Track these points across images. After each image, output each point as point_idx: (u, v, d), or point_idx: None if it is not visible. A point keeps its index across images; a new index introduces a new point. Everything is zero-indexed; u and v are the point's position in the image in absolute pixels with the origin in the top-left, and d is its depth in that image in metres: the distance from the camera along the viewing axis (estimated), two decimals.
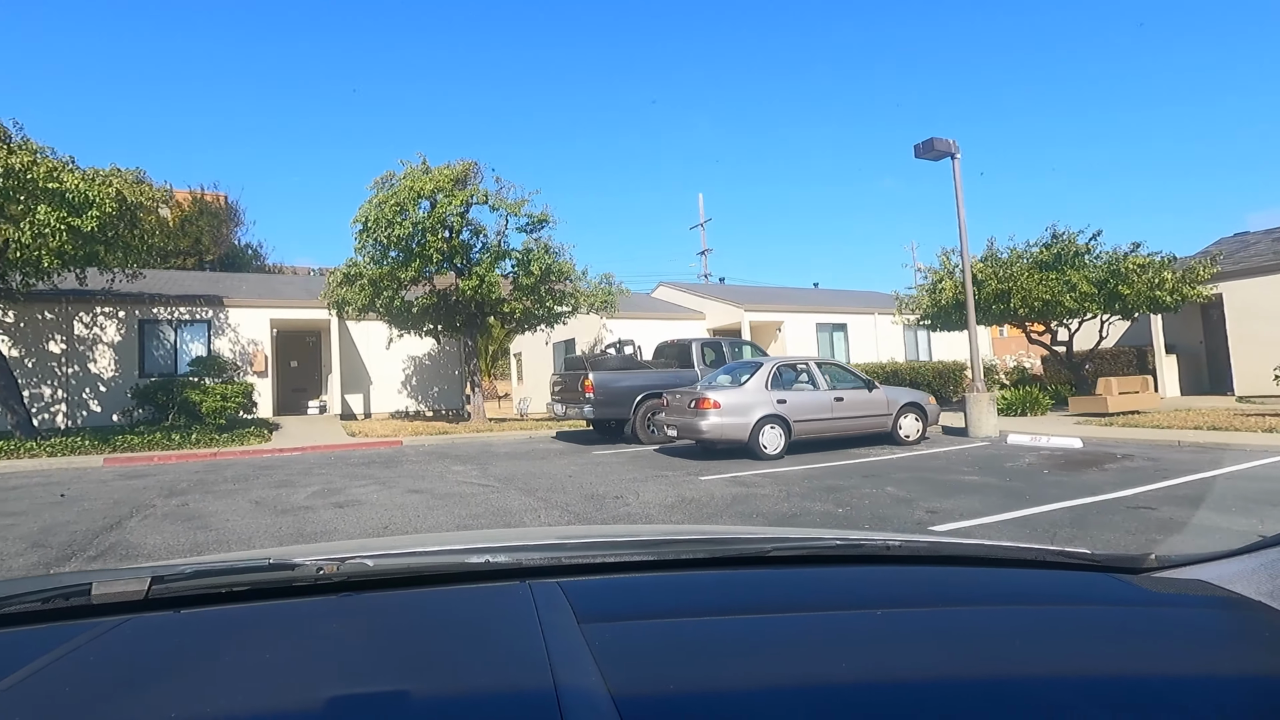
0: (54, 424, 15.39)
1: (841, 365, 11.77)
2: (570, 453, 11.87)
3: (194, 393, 13.88)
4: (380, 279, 15.61)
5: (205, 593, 0.90)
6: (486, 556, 1.03)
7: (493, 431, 16.13)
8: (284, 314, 18.08)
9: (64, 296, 15.87)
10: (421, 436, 15.15)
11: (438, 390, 21.59)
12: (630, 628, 0.82)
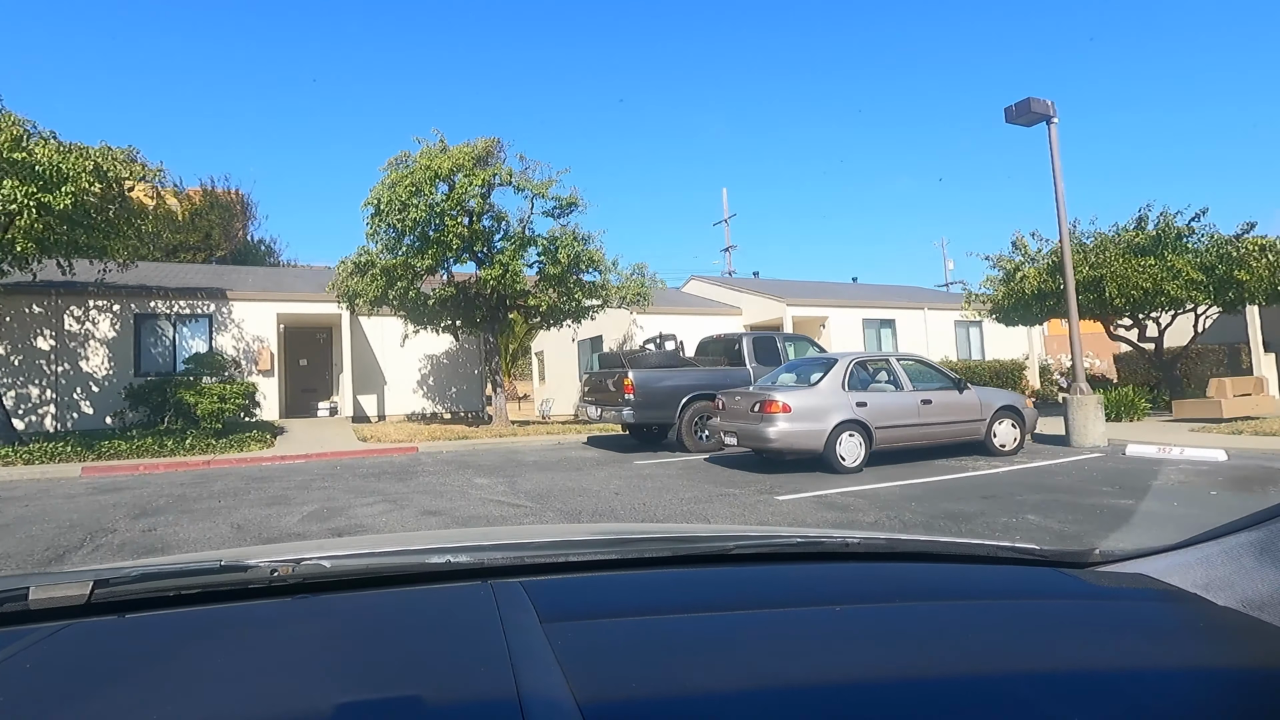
0: (41, 427, 14.15)
1: (926, 361, 10.14)
2: (608, 462, 10.35)
3: (189, 393, 12.54)
4: (394, 269, 14.19)
5: (152, 596, 0.86)
6: (447, 556, 1.01)
7: (517, 436, 14.67)
8: (292, 308, 16.76)
9: (53, 289, 14.63)
10: (439, 442, 13.71)
11: (456, 391, 20.18)
12: (593, 626, 0.81)
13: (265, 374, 16.23)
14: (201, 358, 13.56)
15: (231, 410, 12.64)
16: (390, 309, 16.15)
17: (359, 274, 14.74)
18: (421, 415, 19.56)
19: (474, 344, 20.46)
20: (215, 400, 12.41)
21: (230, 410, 12.59)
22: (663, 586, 1.02)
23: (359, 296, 14.52)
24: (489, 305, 16.21)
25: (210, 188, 29.58)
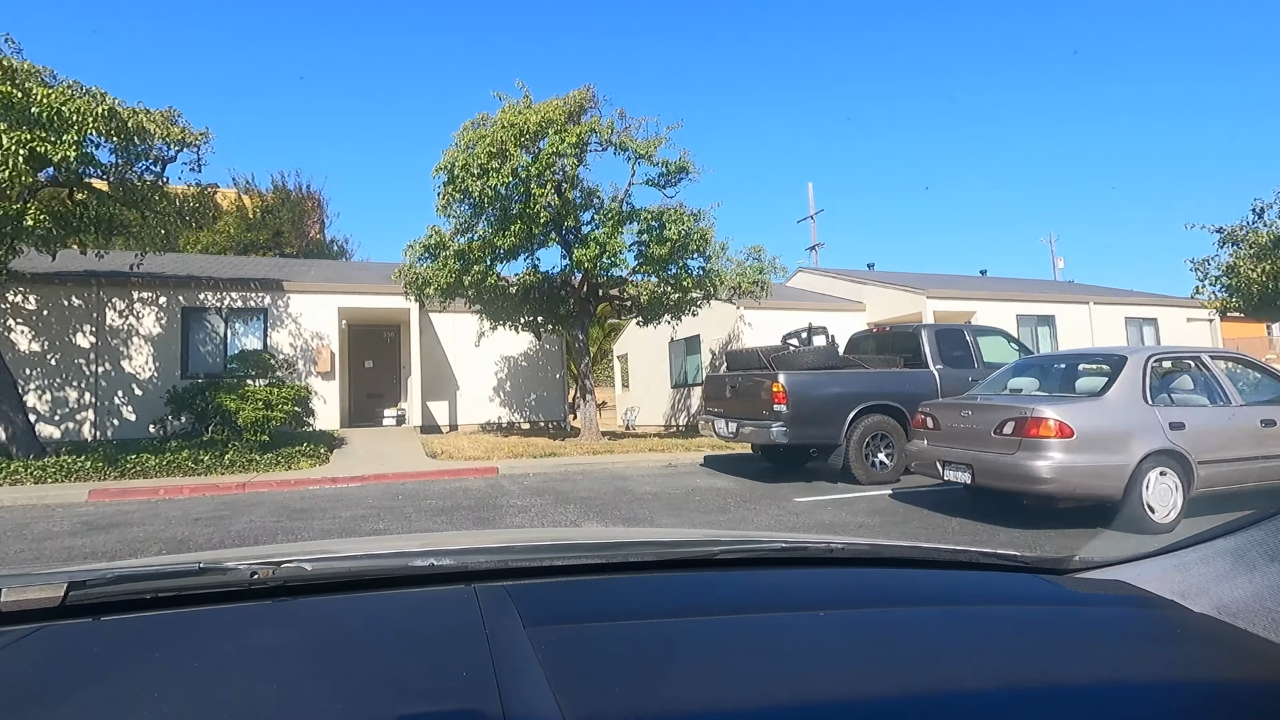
0: (78, 435, 12.45)
1: (1254, 362, 6.84)
2: (755, 498, 7.52)
3: (229, 398, 10.46)
4: (470, 251, 11.80)
5: (129, 599, 0.84)
6: (431, 560, 1.00)
7: (613, 453, 12.00)
8: (355, 302, 14.69)
9: (94, 279, 12.94)
10: (522, 460, 11.19)
11: (535, 398, 17.77)
12: (577, 631, 0.81)
13: (324, 376, 14.17)
14: (247, 356, 11.51)
15: (279, 419, 10.46)
16: (465, 301, 13.81)
17: (429, 258, 12.44)
18: (497, 425, 17.23)
19: (555, 344, 18.03)
20: (259, 407, 10.25)
21: (278, 419, 10.41)
22: (647, 591, 1.02)
23: (428, 285, 12.20)
24: (578, 296, 13.66)
25: (281, 184, 28.52)
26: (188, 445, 10.94)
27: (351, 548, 1.26)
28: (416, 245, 12.59)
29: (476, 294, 12.77)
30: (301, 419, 11.60)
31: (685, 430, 18.89)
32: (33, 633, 0.77)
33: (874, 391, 8.51)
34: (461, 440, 13.48)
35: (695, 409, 19.00)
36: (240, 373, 11.47)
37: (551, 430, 17.23)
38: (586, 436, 13.72)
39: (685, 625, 0.86)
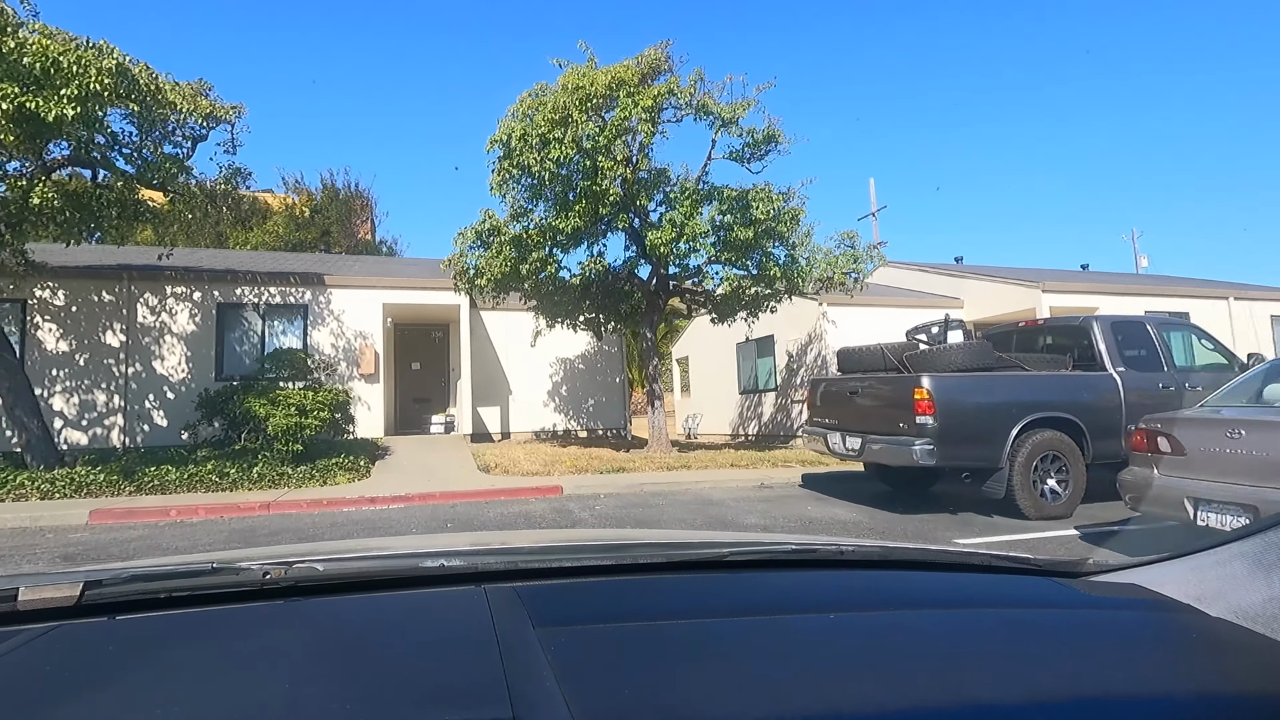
0: (107, 442, 11.46)
1: None
2: (896, 536, 5.79)
3: (258, 403, 9.22)
4: (527, 238, 10.35)
5: (143, 598, 0.85)
6: (441, 560, 0.99)
7: (689, 469, 10.38)
8: (402, 298, 13.43)
9: (125, 272, 11.97)
10: (587, 476, 9.66)
11: (593, 403, 16.28)
12: (586, 632, 0.80)
13: (368, 379, 12.93)
14: (281, 356, 10.28)
15: (315, 427, 9.16)
16: (520, 296, 12.41)
17: (481, 246, 11.05)
18: (552, 433, 15.79)
19: (615, 345, 16.52)
20: (292, 413, 8.97)
21: (313, 427, 9.12)
22: (657, 592, 1.01)
23: (480, 276, 10.79)
24: (645, 290, 12.08)
25: (330, 182, 27.89)
26: (215, 455, 9.76)
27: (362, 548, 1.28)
28: (468, 232, 11.21)
29: (533, 286, 11.32)
30: (340, 426, 10.31)
31: (758, 440, 17.13)
32: (49, 631, 0.77)
33: (1043, 400, 6.67)
34: (516, 451, 12.04)
35: (768, 417, 17.21)
36: (273, 374, 10.25)
37: (612, 440, 15.70)
38: (655, 448, 12.13)
39: (695, 627, 0.85)
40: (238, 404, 9.57)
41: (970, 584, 1.11)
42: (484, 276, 10.76)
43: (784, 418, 16.49)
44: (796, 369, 15.91)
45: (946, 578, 1.15)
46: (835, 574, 1.14)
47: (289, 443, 8.95)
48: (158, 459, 9.86)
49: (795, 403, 15.91)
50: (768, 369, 17.50)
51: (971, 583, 1.12)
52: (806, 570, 1.15)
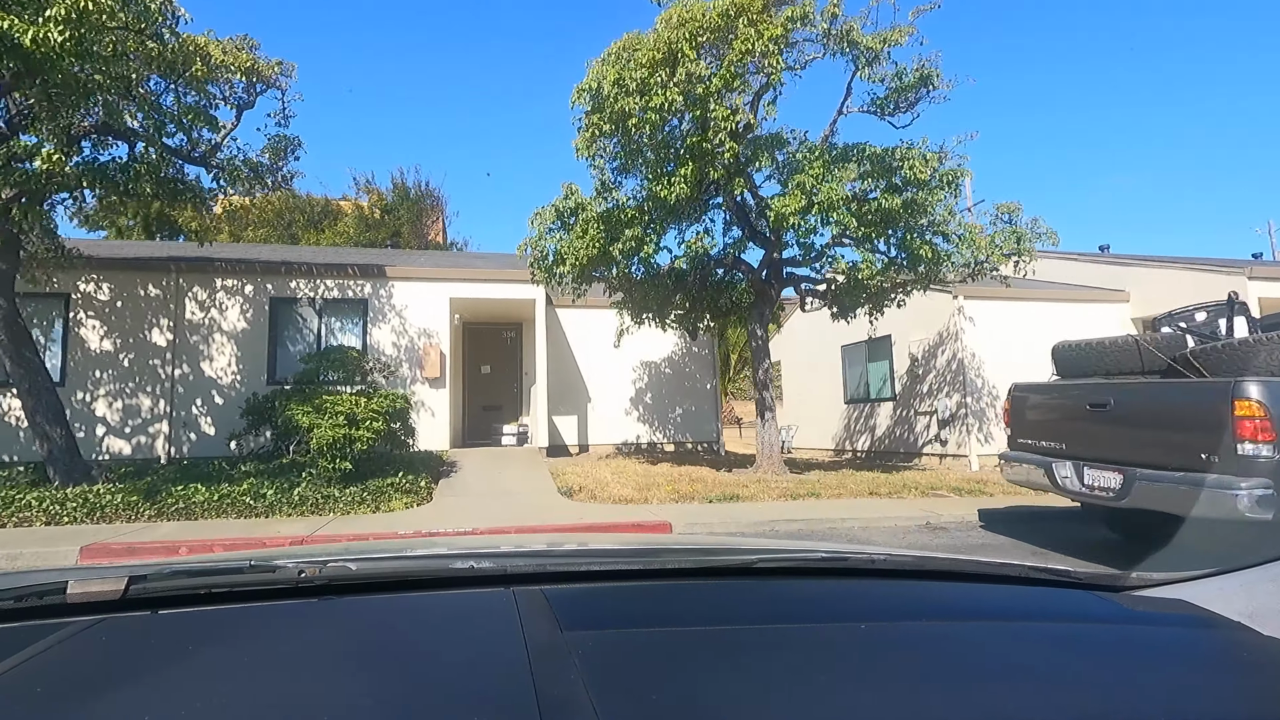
0: (151, 451, 10.29)
1: None
2: None
3: (300, 410, 7.71)
4: (620, 213, 8.54)
5: (184, 594, 0.87)
6: (471, 562, 1.01)
7: (818, 496, 8.34)
8: (471, 291, 11.86)
9: (173, 264, 10.85)
10: (693, 505, 7.74)
11: (681, 413, 14.34)
12: (613, 636, 0.80)
13: (433, 383, 11.40)
14: (330, 355, 8.75)
15: (367, 440, 7.56)
16: (605, 286, 10.61)
17: (561, 227, 9.31)
18: (635, 446, 13.93)
19: (705, 346, 14.56)
20: (340, 423, 7.40)
21: (365, 440, 7.52)
22: (685, 599, 1.01)
23: (561, 262, 9.04)
24: (755, 278, 10.07)
25: (401, 181, 27.13)
26: (258, 471, 8.32)
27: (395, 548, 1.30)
28: (545, 211, 9.50)
29: (622, 275, 9.50)
30: (399, 438, 8.71)
31: (870, 458, 14.80)
32: (96, 624, 0.79)
33: None
34: (601, 469, 10.21)
35: (883, 430, 14.84)
36: (319, 375, 8.74)
37: (704, 455, 13.72)
38: (766, 468, 10.08)
39: (723, 634, 0.84)
40: (279, 411, 8.10)
41: (1008, 596, 1.08)
42: (565, 262, 8.99)
43: (904, 432, 14.10)
44: (922, 375, 13.52)
45: (983, 589, 1.10)
46: (867, 583, 1.11)
47: (335, 459, 7.36)
48: (194, 474, 8.50)
49: (920, 415, 13.52)
50: (882, 375, 15.14)
51: (1009, 595, 1.08)
52: (837, 579, 1.11)
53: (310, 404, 7.77)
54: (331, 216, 27.06)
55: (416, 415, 10.98)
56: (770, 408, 10.26)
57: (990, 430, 12.29)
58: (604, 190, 9.41)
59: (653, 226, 8.58)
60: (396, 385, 11.02)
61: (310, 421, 7.49)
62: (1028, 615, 0.98)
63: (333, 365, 8.53)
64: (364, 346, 11.13)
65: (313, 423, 7.46)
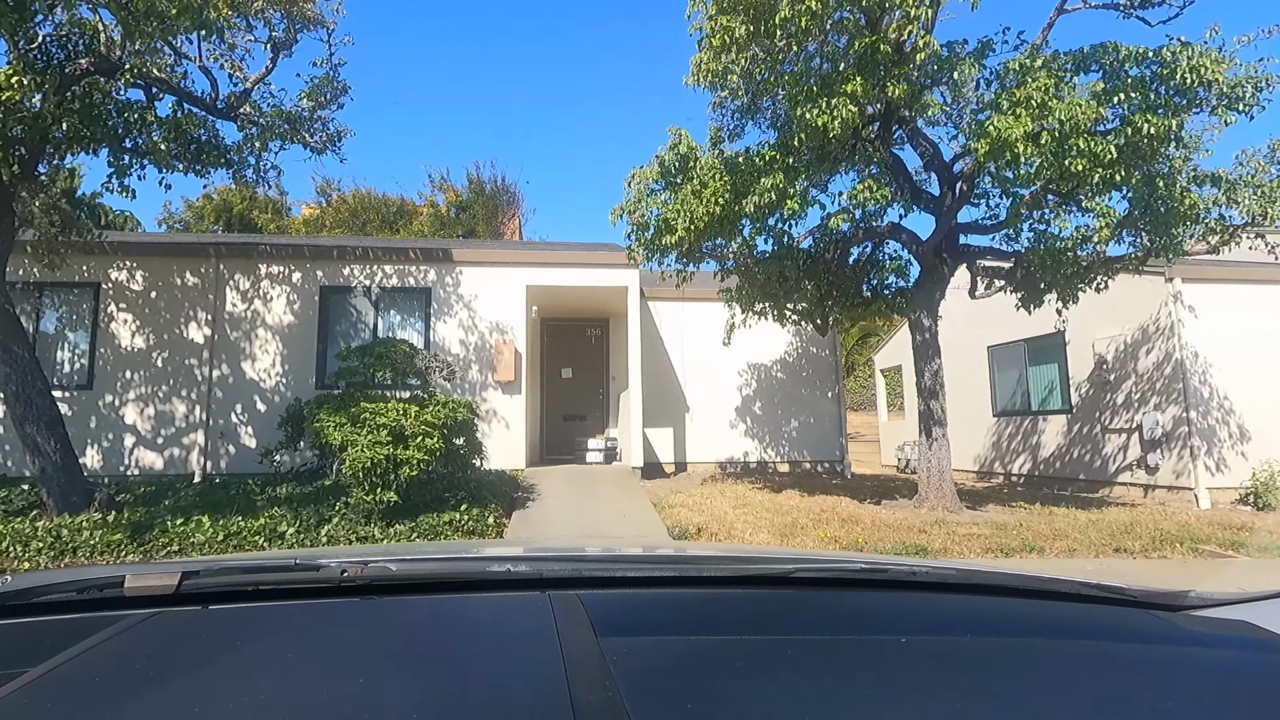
0: (185, 466, 8.80)
1: None
2: None
3: (332, 422, 5.86)
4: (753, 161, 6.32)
5: (233, 589, 0.90)
6: (508, 566, 1.03)
7: (1040, 552, 5.83)
8: (550, 277, 9.89)
9: (212, 250, 9.39)
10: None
11: (797, 426, 11.93)
12: (649, 643, 0.80)
13: (505, 388, 9.48)
14: (373, 350, 6.78)
15: (420, 463, 5.60)
16: (717, 268, 8.42)
17: (666, 187, 7.18)
18: (742, 466, 11.63)
19: (825, 347, 12.12)
20: (382, 439, 5.51)
21: (416, 463, 5.56)
22: (721, 607, 1.00)
23: (669, 231, 6.88)
24: (925, 251, 7.62)
25: (476, 176, 25.83)
26: (289, 498, 6.54)
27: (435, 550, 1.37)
28: (648, 168, 7.39)
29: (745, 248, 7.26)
30: (463, 456, 6.73)
31: (1034, 484, 11.93)
32: (151, 616, 0.82)
33: None
34: (717, 499, 7.96)
35: (1051, 451, 11.91)
36: (365, 374, 6.86)
37: (828, 478, 11.26)
38: (934, 501, 7.59)
39: (759, 644, 0.83)
40: (308, 421, 6.27)
41: (1058, 613, 1.04)
42: (676, 229, 6.81)
43: (1085, 454, 11.17)
44: (1115, 382, 10.60)
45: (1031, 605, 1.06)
46: (908, 595, 1.08)
47: (375, 488, 5.42)
48: (216, 498, 6.83)
49: (1112, 433, 10.59)
50: (1048, 381, 12.24)
51: (1059, 612, 1.04)
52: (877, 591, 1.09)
53: (345, 413, 5.89)
54: (407, 217, 26.07)
55: (487, 426, 9.07)
56: (940, 422, 7.75)
57: (1223, 455, 9.31)
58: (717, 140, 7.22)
59: (799, 174, 6.28)
60: (464, 390, 9.15)
61: (343, 437, 5.59)
62: (1080, 633, 0.94)
63: (379, 361, 6.62)
64: (426, 343, 9.33)
65: (346, 439, 5.56)
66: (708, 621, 0.92)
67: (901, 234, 7.73)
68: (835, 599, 1.05)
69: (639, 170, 7.62)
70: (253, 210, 26.01)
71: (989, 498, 9.23)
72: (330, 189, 26.95)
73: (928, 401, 7.77)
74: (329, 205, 26.15)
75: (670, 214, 6.89)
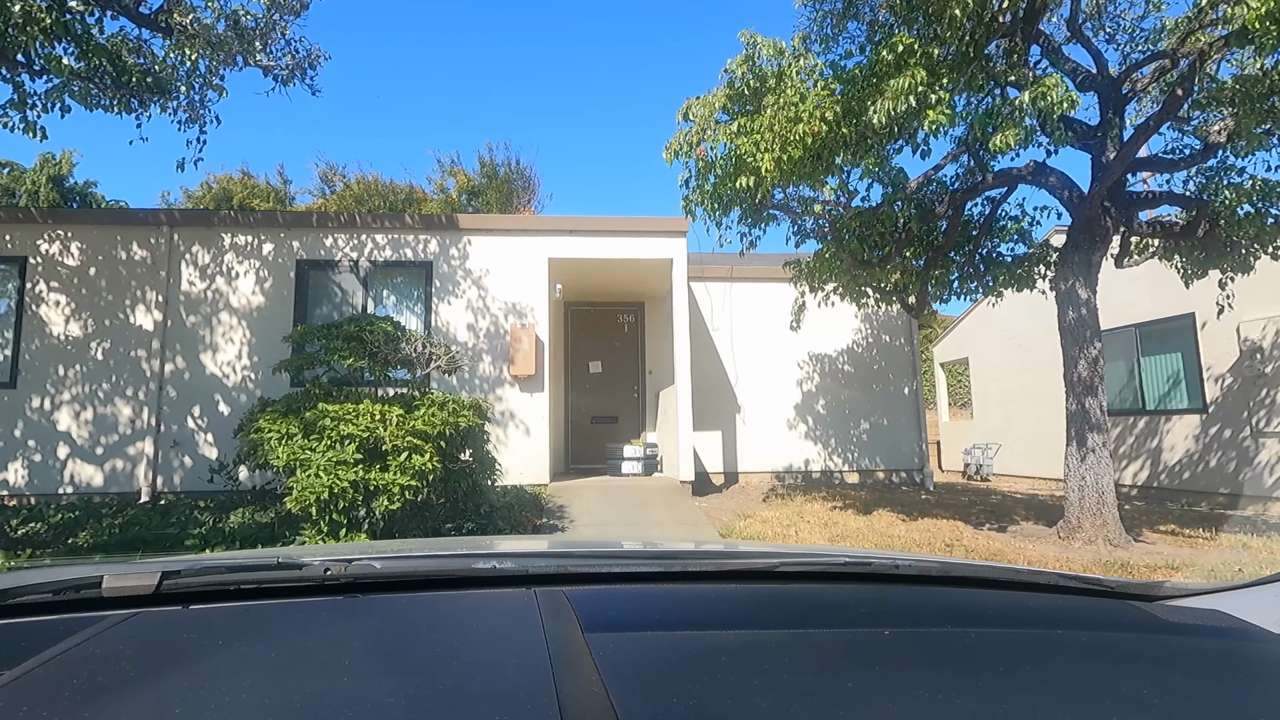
0: (131, 484, 7.08)
1: None
2: None
3: (274, 428, 4.06)
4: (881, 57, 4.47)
5: (214, 589, 0.88)
6: (493, 562, 1.03)
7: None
8: (578, 248, 8.02)
9: (165, 215, 7.67)
10: None
11: (868, 429, 10.06)
12: (635, 639, 0.79)
13: (525, 383, 7.67)
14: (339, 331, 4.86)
15: (402, 493, 3.77)
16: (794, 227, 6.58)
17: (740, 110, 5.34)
18: (804, 475, 9.79)
19: (900, 334, 10.25)
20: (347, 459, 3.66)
21: (397, 495, 3.73)
22: (706, 602, 1.00)
23: (747, 170, 5.03)
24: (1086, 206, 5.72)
25: (489, 159, 24.06)
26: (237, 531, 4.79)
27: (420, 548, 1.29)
28: (713, 95, 5.56)
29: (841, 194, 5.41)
30: (469, 476, 4.91)
31: (1150, 497, 9.95)
32: (130, 617, 0.80)
33: None
34: (795, 522, 6.11)
35: (1177, 458, 9.91)
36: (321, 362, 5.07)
37: (908, 489, 9.39)
38: (1091, 530, 5.73)
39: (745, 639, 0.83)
40: (244, 431, 4.48)
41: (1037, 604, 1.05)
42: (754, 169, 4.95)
43: (1230, 462, 9.16)
44: (1274, 374, 8.60)
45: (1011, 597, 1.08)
46: (891, 589, 1.08)
47: (337, 529, 3.63)
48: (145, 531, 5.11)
49: (1270, 437, 8.60)
50: (1171, 374, 10.26)
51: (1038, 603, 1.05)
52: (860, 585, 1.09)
53: (296, 420, 4.10)
54: (415, 204, 24.44)
55: (501, 432, 7.29)
56: (1098, 426, 5.84)
57: None
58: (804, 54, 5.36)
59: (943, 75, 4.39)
60: (473, 389, 7.38)
61: (290, 454, 3.80)
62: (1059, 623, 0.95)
63: (347, 345, 4.71)
64: (427, 328, 7.55)
65: (294, 456, 3.77)
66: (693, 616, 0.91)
67: (1048, 176, 5.84)
68: (819, 593, 1.05)
69: (695, 100, 5.78)
70: (253, 199, 24.47)
71: (1131, 521, 7.31)
72: (334, 176, 25.37)
73: (1081, 400, 5.87)
74: (332, 194, 24.58)
75: (747, 147, 5.04)
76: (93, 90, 5.56)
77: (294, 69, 6.06)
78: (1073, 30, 5.40)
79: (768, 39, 5.25)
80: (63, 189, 20.71)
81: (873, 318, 10.22)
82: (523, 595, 0.90)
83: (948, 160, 6.34)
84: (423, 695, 0.64)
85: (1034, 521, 6.86)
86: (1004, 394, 13.67)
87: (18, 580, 0.87)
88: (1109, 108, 5.60)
